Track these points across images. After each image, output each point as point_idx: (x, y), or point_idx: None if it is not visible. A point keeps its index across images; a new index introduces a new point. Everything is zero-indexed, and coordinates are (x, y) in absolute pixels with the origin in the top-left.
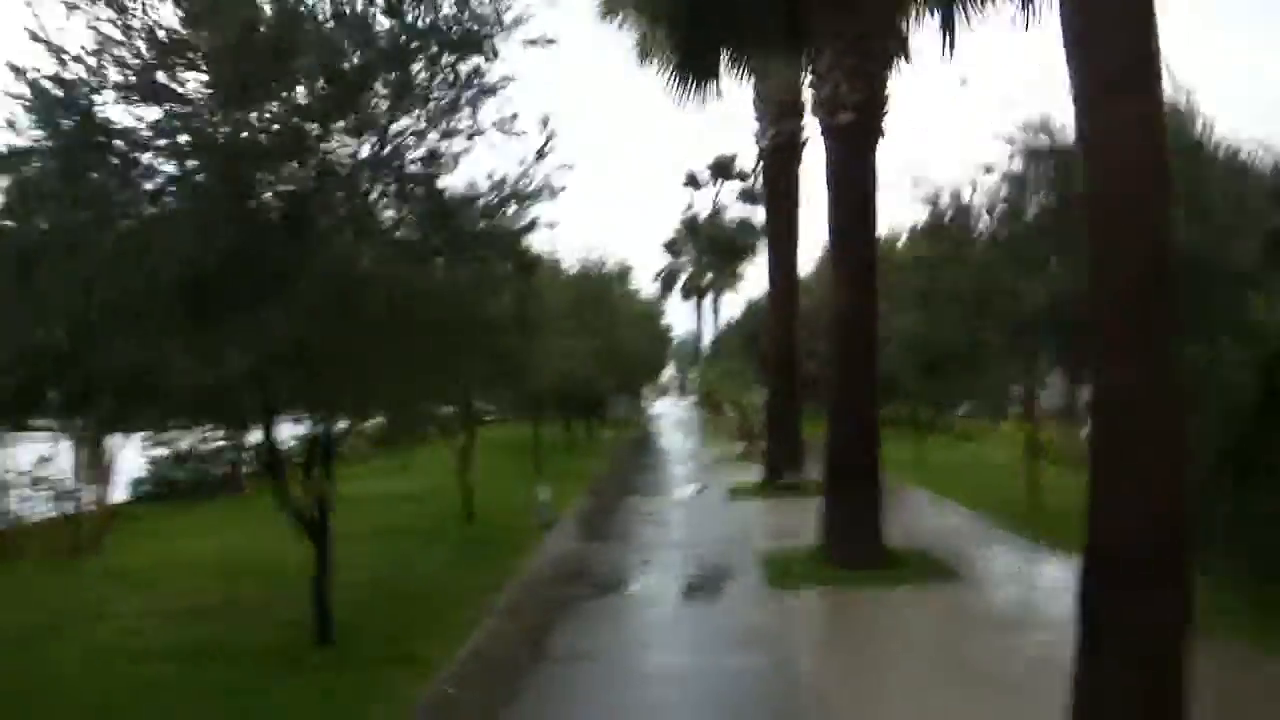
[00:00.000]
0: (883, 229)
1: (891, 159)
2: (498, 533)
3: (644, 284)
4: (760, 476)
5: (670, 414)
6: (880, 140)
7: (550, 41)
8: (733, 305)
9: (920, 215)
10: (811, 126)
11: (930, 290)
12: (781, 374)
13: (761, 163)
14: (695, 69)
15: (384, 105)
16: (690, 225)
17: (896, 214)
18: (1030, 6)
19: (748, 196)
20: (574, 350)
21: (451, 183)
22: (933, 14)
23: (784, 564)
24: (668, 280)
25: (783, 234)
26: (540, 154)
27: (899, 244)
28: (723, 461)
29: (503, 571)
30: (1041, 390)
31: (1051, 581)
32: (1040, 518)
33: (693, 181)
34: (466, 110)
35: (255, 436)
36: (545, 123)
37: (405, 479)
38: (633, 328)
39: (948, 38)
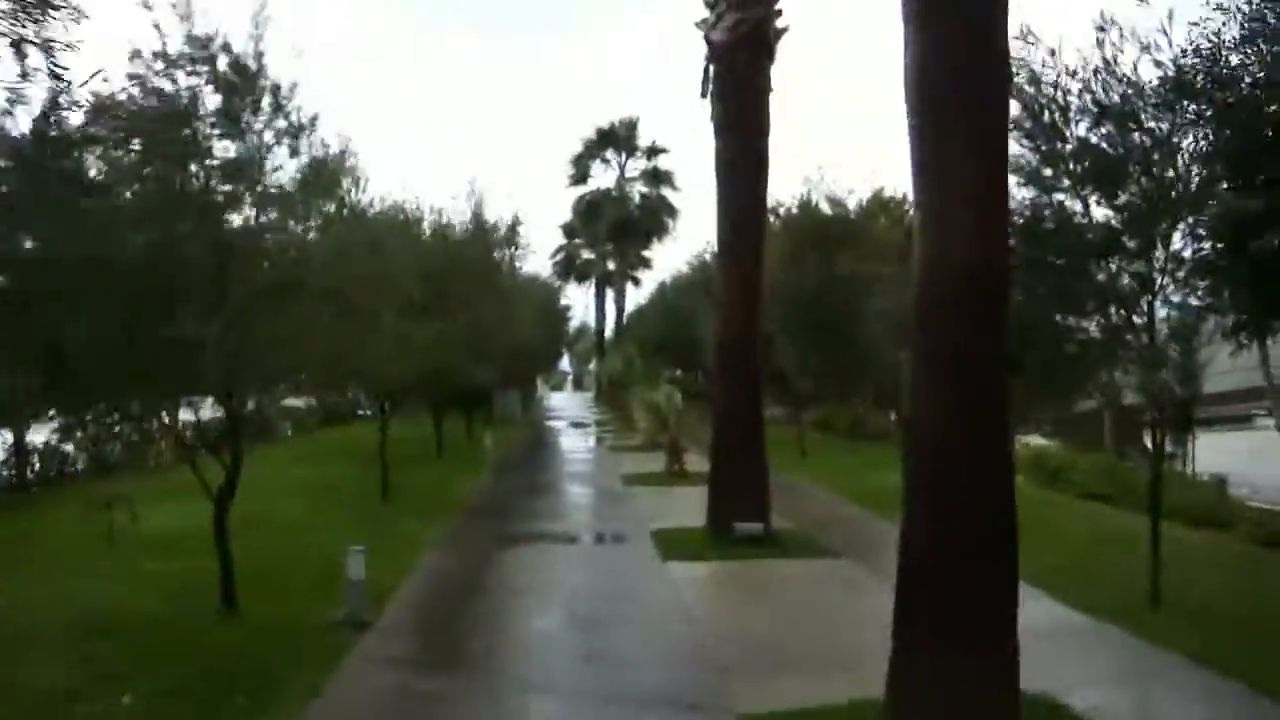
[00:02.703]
0: None
1: None
2: (268, 641)
3: (541, 264)
4: (703, 517)
5: (568, 409)
6: None
7: None
8: (639, 293)
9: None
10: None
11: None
12: (738, 367)
13: (711, 64)
14: None
15: None
16: (589, 205)
17: None
18: None
19: (653, 177)
20: (417, 333)
21: None
22: None
23: None
24: (565, 265)
25: (740, 162)
26: None
27: None
28: (640, 483)
29: None
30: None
31: None
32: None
33: (589, 152)
34: None
35: None
36: None
37: (188, 507)
38: (523, 306)
39: None
